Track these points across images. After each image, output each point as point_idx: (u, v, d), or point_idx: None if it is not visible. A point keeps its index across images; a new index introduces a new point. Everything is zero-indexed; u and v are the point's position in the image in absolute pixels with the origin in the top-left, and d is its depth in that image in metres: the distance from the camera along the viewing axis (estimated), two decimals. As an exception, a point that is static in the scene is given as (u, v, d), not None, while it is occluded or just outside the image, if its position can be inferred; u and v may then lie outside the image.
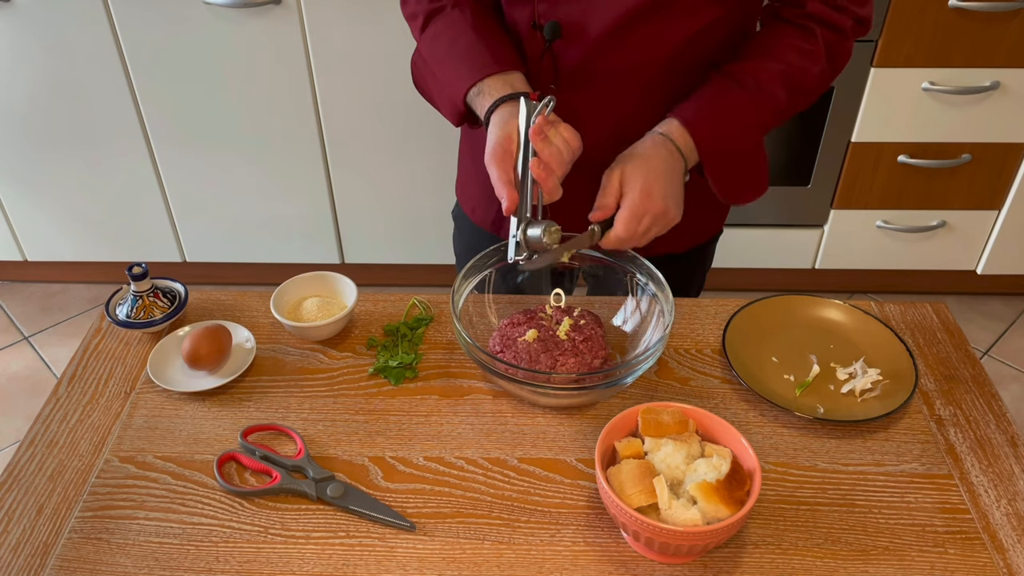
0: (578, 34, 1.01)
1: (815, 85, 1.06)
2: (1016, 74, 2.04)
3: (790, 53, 1.04)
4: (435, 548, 0.87)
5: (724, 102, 1.03)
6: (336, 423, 1.01)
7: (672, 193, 0.99)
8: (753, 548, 0.87)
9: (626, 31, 1.00)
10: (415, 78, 1.15)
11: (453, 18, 1.07)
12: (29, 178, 2.33)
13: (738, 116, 1.03)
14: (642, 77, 1.05)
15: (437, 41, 1.08)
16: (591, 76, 1.04)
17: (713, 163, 1.04)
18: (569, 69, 1.04)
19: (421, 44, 1.11)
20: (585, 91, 1.06)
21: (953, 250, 2.36)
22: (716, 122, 1.03)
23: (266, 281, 2.54)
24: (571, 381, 0.97)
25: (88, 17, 2.04)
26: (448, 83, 1.06)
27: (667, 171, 0.99)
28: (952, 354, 1.10)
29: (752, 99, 1.03)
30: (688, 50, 1.03)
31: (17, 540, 0.89)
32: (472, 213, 1.29)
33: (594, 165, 1.10)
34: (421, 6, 1.10)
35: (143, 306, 1.11)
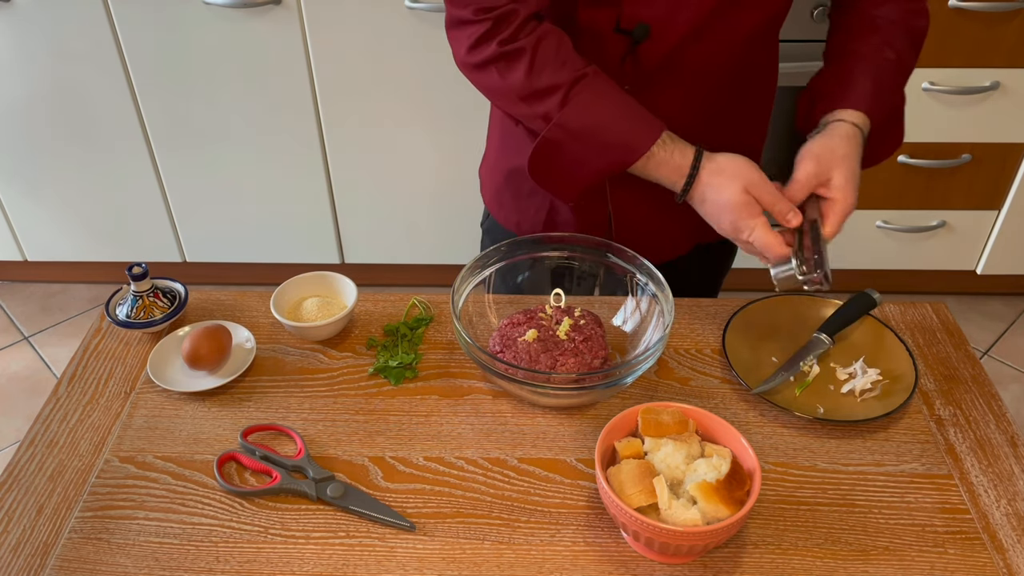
0: (661, 34, 1.01)
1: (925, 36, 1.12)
2: (1016, 74, 2.04)
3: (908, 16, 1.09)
4: (435, 548, 0.87)
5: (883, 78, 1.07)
6: (336, 423, 1.01)
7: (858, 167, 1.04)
8: (753, 548, 0.87)
9: (704, 28, 1.00)
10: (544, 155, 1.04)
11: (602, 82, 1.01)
12: (29, 178, 2.33)
13: (894, 88, 1.09)
14: (715, 73, 1.06)
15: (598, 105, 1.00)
16: (668, 75, 1.04)
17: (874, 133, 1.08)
18: (648, 67, 1.04)
19: (569, 114, 1.00)
20: (660, 87, 1.05)
21: (953, 250, 2.36)
22: (882, 100, 1.07)
23: (266, 281, 2.54)
24: (571, 381, 0.97)
25: (88, 17, 2.04)
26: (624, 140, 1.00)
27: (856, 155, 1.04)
28: (952, 354, 1.10)
29: (896, 68, 1.08)
30: (756, 42, 1.06)
31: (17, 540, 0.89)
32: (517, 228, 1.25)
33: None
34: (563, 75, 0.99)
35: (143, 306, 1.11)
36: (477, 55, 1.01)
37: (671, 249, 1.23)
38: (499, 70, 1.01)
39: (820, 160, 1.01)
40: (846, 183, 1.01)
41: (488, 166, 1.29)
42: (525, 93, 1.01)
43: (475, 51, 1.01)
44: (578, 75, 0.99)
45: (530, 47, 0.99)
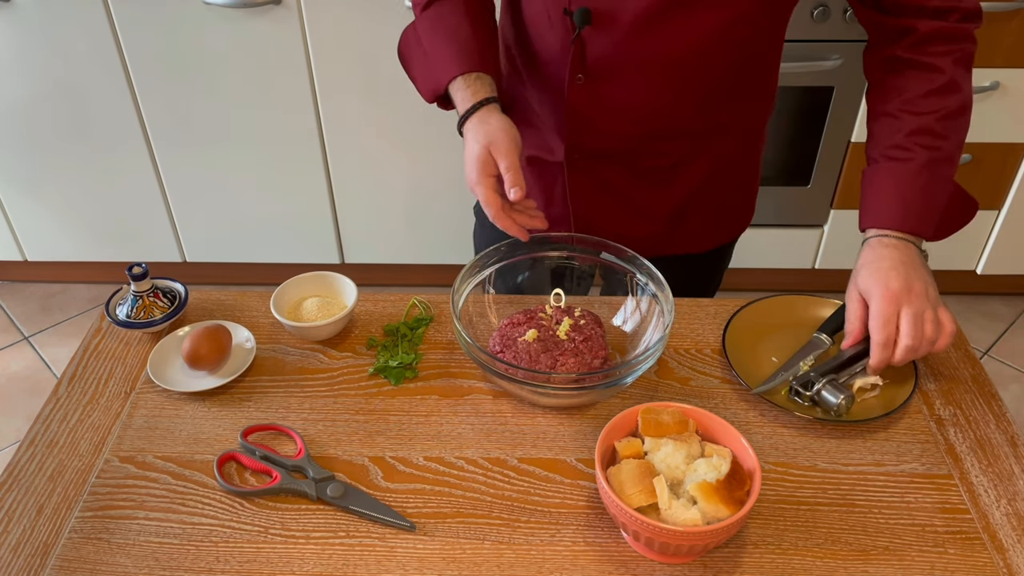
0: (609, 22, 1.00)
1: (968, 105, 1.04)
2: (1016, 74, 2.04)
3: (927, 101, 1.01)
4: (435, 548, 0.87)
5: (912, 186, 1.01)
6: (336, 423, 1.01)
7: (917, 272, 0.97)
8: (753, 548, 0.87)
9: (656, 21, 0.99)
10: (402, 49, 1.16)
11: (456, 6, 1.09)
12: (29, 178, 2.33)
13: (933, 188, 1.02)
14: (672, 69, 1.04)
15: (439, 23, 1.09)
16: (621, 66, 1.04)
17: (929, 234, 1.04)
18: (599, 59, 1.03)
19: (421, 20, 1.12)
20: (615, 81, 1.05)
21: (953, 250, 2.36)
22: (930, 211, 1.02)
23: (266, 281, 2.54)
24: (571, 381, 0.97)
25: (88, 17, 2.04)
26: (437, 66, 1.08)
27: (900, 260, 0.98)
28: (952, 354, 1.10)
29: (931, 163, 1.01)
30: (719, 43, 1.02)
31: (17, 540, 0.89)
32: None
33: (625, 156, 1.10)
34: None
35: (143, 306, 1.11)
36: None
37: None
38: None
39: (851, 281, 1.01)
40: (865, 286, 0.98)
41: None
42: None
43: None
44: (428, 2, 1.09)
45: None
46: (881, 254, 0.99)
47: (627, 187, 1.14)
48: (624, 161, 1.11)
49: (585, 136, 1.10)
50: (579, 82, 1.05)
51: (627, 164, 1.12)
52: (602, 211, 1.17)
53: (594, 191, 1.15)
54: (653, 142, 1.10)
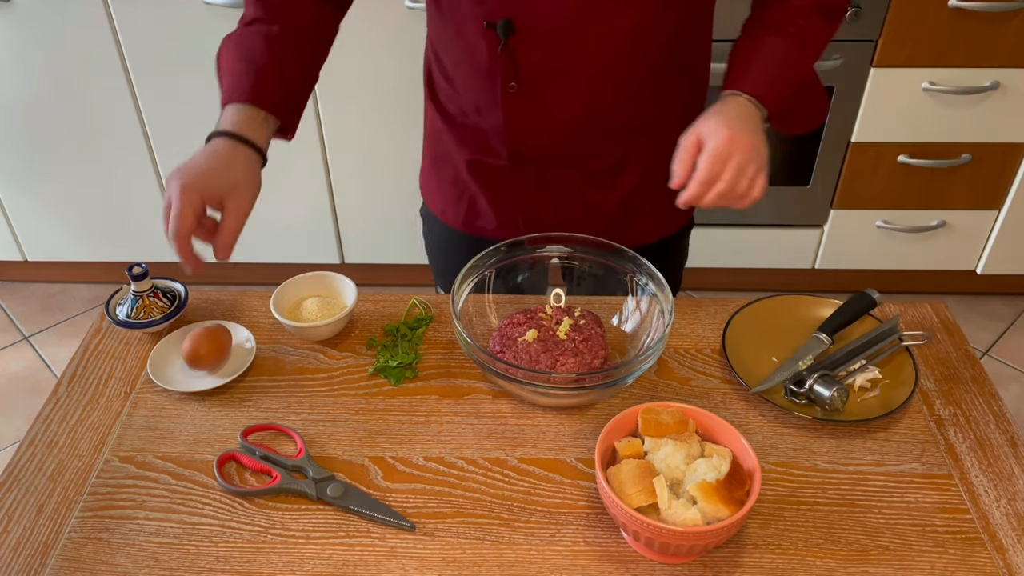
0: (533, 31, 1.00)
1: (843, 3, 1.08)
2: (1016, 74, 2.04)
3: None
4: (435, 548, 0.87)
5: (773, 55, 1.05)
6: (336, 423, 1.01)
7: (756, 131, 1.00)
8: (753, 548, 0.87)
9: (578, 25, 1.00)
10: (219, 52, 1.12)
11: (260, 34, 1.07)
12: (29, 178, 2.33)
13: (790, 62, 1.05)
14: (602, 70, 1.04)
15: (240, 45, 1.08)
16: (551, 72, 1.04)
17: (782, 114, 1.07)
18: (529, 66, 1.04)
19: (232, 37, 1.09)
20: (547, 87, 1.05)
21: (953, 250, 2.36)
22: (773, 78, 1.04)
23: (266, 281, 2.54)
24: (571, 381, 0.97)
25: (88, 17, 2.04)
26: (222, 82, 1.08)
27: (747, 115, 1.01)
28: (952, 354, 1.10)
29: (798, 42, 1.05)
30: (643, 41, 1.03)
31: (17, 540, 0.89)
32: (442, 215, 1.29)
33: (567, 157, 1.11)
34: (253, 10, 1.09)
35: (143, 306, 1.11)
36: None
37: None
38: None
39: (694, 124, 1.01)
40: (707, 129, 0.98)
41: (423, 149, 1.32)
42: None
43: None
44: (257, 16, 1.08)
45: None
46: (734, 106, 1.02)
47: (573, 186, 1.15)
48: (567, 162, 1.12)
49: (525, 140, 1.11)
50: (512, 90, 1.05)
51: (570, 165, 1.12)
52: (551, 210, 1.17)
53: (541, 191, 1.16)
54: (592, 142, 1.10)
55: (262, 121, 1.04)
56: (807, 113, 1.16)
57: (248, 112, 1.03)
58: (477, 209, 1.22)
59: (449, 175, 1.23)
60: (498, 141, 1.12)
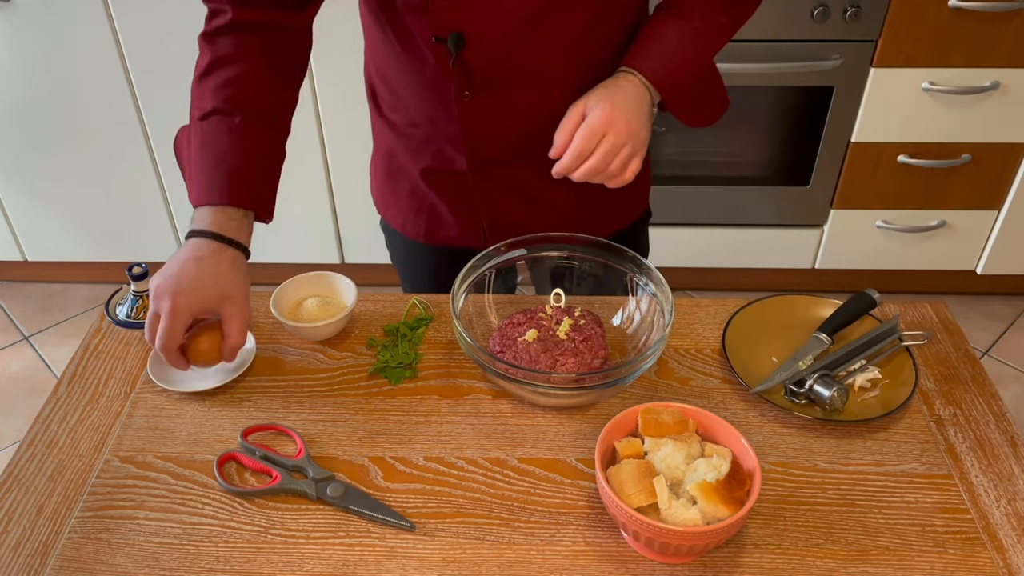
0: (483, 41, 1.01)
1: (748, 7, 1.08)
2: (1016, 74, 2.04)
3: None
4: (435, 548, 0.87)
5: (672, 39, 1.05)
6: (336, 423, 1.01)
7: (639, 112, 1.01)
8: (753, 548, 0.87)
9: (527, 31, 1.00)
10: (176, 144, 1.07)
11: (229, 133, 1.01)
12: (29, 178, 2.33)
13: (687, 48, 1.06)
14: (553, 72, 1.05)
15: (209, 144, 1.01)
16: (504, 78, 1.05)
17: (674, 98, 1.07)
18: (481, 75, 1.04)
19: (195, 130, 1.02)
20: (501, 93, 1.06)
21: (953, 250, 2.36)
22: (667, 60, 1.05)
23: (266, 281, 2.54)
24: (571, 381, 0.97)
25: (88, 17, 2.04)
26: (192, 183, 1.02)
27: (635, 95, 1.01)
28: (952, 354, 1.10)
29: (697, 30, 1.05)
30: (591, 38, 1.04)
31: (17, 540, 0.89)
32: (403, 229, 1.28)
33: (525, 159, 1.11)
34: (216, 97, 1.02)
35: (143, 306, 1.11)
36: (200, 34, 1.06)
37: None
38: (198, 57, 1.05)
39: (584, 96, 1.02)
40: (591, 103, 1.00)
41: (373, 163, 1.31)
42: (192, 87, 1.05)
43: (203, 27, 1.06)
44: (225, 109, 1.01)
45: (212, 52, 1.03)
46: (623, 84, 1.03)
47: (532, 186, 1.15)
48: (527, 164, 1.13)
49: (483, 146, 1.11)
50: (467, 99, 1.06)
51: (531, 166, 1.13)
52: (510, 210, 1.18)
53: (501, 193, 1.17)
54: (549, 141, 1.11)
55: (242, 218, 1.01)
56: (704, 106, 1.14)
57: (227, 212, 0.99)
58: (438, 219, 1.22)
59: (405, 188, 1.23)
60: (454, 149, 1.13)
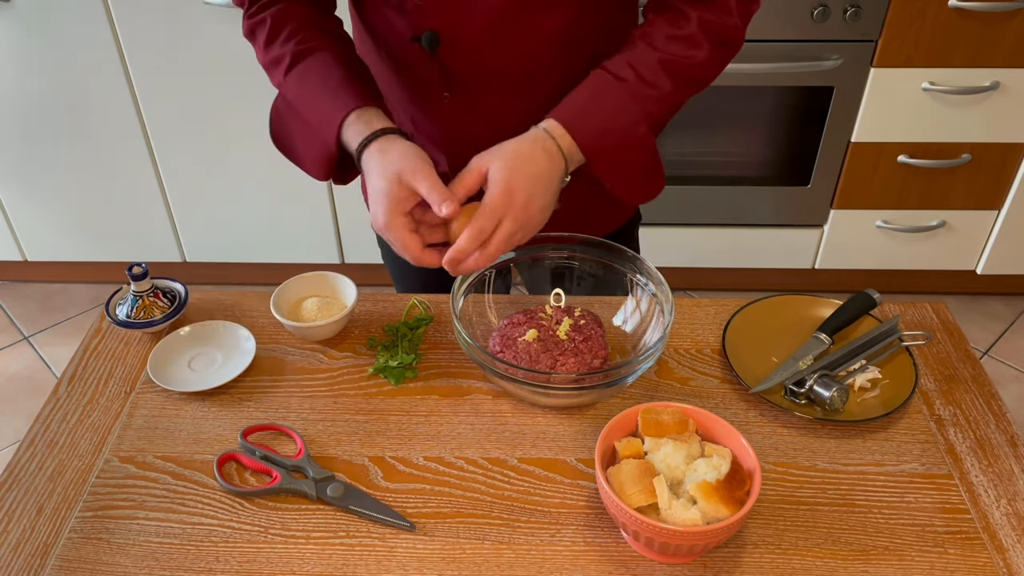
0: (459, 41, 1.01)
1: (703, 73, 1.01)
2: (1016, 74, 2.04)
3: (667, 42, 0.99)
4: (435, 548, 0.87)
5: (602, 96, 0.99)
6: (336, 423, 1.01)
7: (543, 194, 0.94)
8: (753, 548, 0.87)
9: (503, 32, 1.00)
10: (275, 129, 1.09)
11: (323, 58, 1.02)
12: (29, 178, 2.33)
13: (619, 109, 0.98)
14: (532, 74, 1.04)
15: (307, 79, 1.02)
16: (483, 79, 1.04)
17: (599, 160, 0.99)
18: (460, 75, 1.04)
19: (287, 85, 1.04)
20: (481, 94, 1.06)
21: (953, 250, 2.36)
22: (595, 118, 0.98)
23: (266, 281, 2.54)
24: (571, 381, 0.97)
25: (88, 17, 2.04)
26: (320, 119, 1.01)
27: (540, 174, 0.94)
28: (952, 354, 1.10)
29: (632, 91, 0.98)
30: (568, 42, 1.02)
31: (17, 540, 0.89)
32: None
33: None
34: (287, 48, 1.03)
35: (143, 306, 1.11)
36: (244, 31, 1.07)
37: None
38: (255, 42, 1.06)
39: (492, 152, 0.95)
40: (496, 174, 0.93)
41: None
42: (265, 62, 1.06)
43: (243, 28, 1.07)
44: (304, 48, 1.03)
45: (269, 18, 1.04)
46: (537, 156, 0.95)
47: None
48: None
49: (464, 147, 1.11)
50: (446, 99, 1.06)
51: None
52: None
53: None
54: None
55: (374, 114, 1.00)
56: (634, 179, 1.04)
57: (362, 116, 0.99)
58: None
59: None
60: (436, 149, 1.13)
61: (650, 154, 1.03)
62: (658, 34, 1.00)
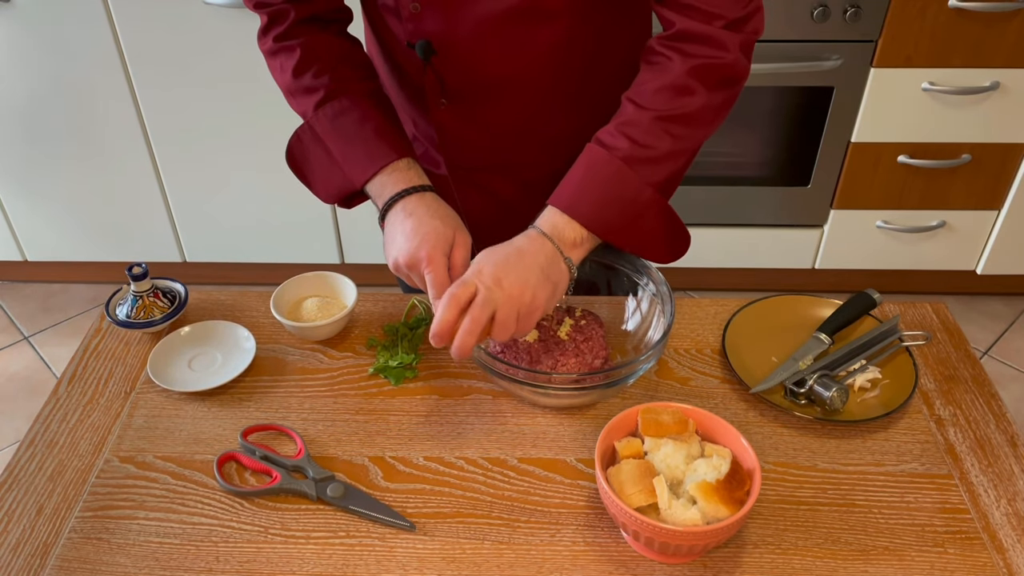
0: (452, 50, 1.01)
1: (703, 117, 0.95)
2: (1016, 74, 2.04)
3: (654, 97, 0.94)
4: (435, 548, 0.87)
5: (597, 171, 0.95)
6: (336, 423, 1.01)
7: (533, 280, 0.90)
8: (753, 548, 0.87)
9: (496, 43, 0.99)
10: (294, 153, 1.10)
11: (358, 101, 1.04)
12: (29, 178, 2.33)
13: (616, 181, 0.94)
14: (527, 83, 1.04)
15: (342, 119, 1.04)
16: (478, 87, 1.04)
17: (611, 235, 0.96)
18: (455, 83, 1.04)
19: (317, 118, 1.05)
20: (476, 101, 1.06)
21: (953, 250, 2.36)
22: (593, 194, 0.94)
23: (266, 281, 2.54)
24: (572, 381, 0.97)
25: (88, 17, 2.04)
26: (350, 160, 1.03)
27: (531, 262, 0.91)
28: (952, 354, 1.10)
29: (627, 157, 0.94)
30: (564, 52, 1.01)
31: (17, 540, 0.89)
32: None
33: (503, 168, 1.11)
34: (321, 81, 1.05)
35: (143, 306, 1.11)
36: (262, 45, 1.09)
37: None
38: (277, 63, 1.08)
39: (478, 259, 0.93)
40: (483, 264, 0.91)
41: None
42: (292, 88, 1.07)
43: (261, 41, 1.08)
44: (339, 87, 1.04)
45: (299, 47, 1.05)
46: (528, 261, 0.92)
47: (513, 198, 1.15)
48: (504, 173, 1.13)
49: (461, 153, 1.11)
50: (443, 106, 1.06)
51: (508, 175, 1.13)
52: (489, 217, 1.17)
53: (482, 200, 1.17)
54: (526, 153, 1.11)
55: (408, 166, 1.03)
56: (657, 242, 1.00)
57: (398, 168, 1.02)
58: None
59: None
60: (434, 151, 1.14)
61: (665, 216, 0.99)
62: (645, 89, 0.95)
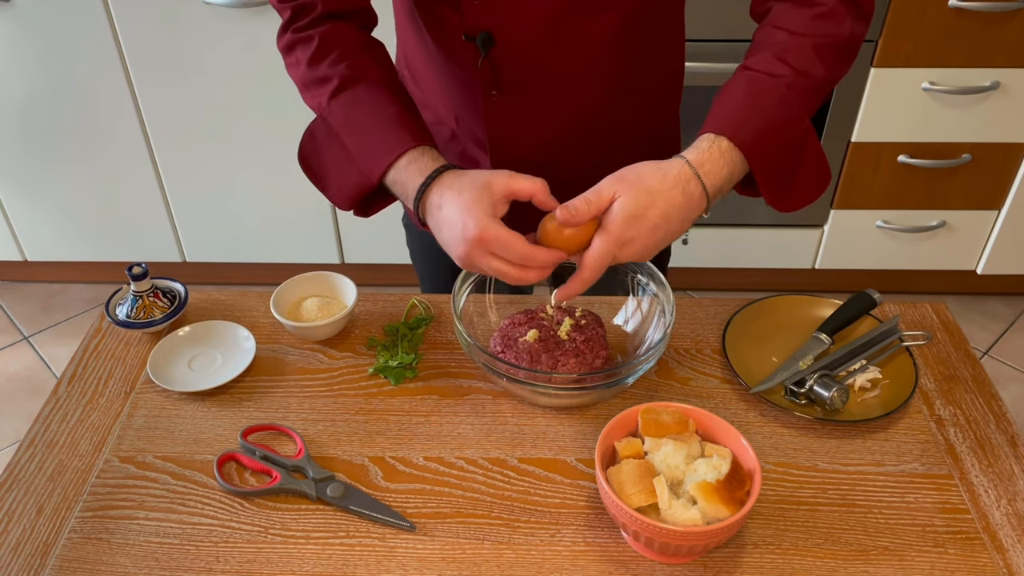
0: (512, 41, 1.00)
1: (851, 48, 0.96)
2: (1016, 74, 2.04)
3: (812, 24, 0.94)
4: (435, 548, 0.87)
5: (761, 96, 0.93)
6: (336, 423, 1.01)
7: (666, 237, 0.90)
8: (753, 548, 0.87)
9: (556, 32, 0.99)
10: (306, 152, 1.07)
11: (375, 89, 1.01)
12: (29, 178, 2.33)
13: (781, 107, 0.93)
14: (582, 73, 1.04)
15: (357, 108, 1.00)
16: (532, 79, 1.04)
17: (766, 168, 0.94)
18: (509, 75, 1.03)
19: (331, 109, 1.01)
20: (529, 94, 1.05)
21: (953, 250, 2.36)
22: (757, 121, 0.92)
23: (266, 281, 2.54)
24: (572, 381, 0.97)
25: (88, 17, 2.04)
26: (366, 152, 0.99)
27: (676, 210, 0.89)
28: (952, 354, 1.10)
29: (790, 84, 0.93)
30: (621, 41, 1.02)
31: (17, 540, 0.89)
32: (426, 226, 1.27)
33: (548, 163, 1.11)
34: (336, 70, 1.01)
35: (143, 306, 1.11)
36: (280, 42, 1.05)
37: None
38: (294, 57, 1.04)
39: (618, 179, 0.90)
40: (625, 219, 0.87)
41: None
42: (306, 80, 1.04)
43: (280, 38, 1.06)
44: (354, 75, 1.01)
45: (318, 36, 1.02)
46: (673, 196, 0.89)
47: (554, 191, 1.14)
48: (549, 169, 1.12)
49: (508, 148, 1.11)
50: (494, 98, 1.05)
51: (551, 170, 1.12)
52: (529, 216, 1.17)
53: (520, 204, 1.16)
54: (573, 145, 1.10)
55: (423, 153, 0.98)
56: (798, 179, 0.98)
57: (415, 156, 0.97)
58: None
59: None
60: (479, 149, 1.13)
61: (817, 151, 0.99)
62: (798, 19, 0.94)
